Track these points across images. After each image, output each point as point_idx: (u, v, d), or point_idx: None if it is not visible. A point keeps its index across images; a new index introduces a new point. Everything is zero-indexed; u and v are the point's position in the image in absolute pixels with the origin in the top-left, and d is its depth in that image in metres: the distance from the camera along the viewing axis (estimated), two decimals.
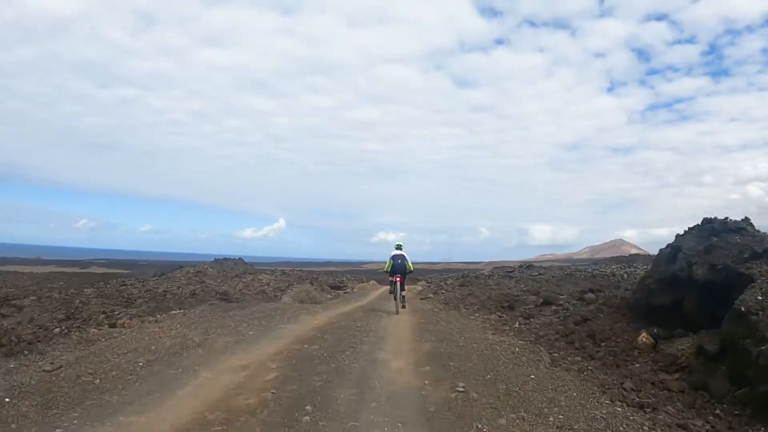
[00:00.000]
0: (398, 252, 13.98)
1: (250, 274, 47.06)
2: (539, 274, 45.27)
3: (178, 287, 31.98)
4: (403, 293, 14.23)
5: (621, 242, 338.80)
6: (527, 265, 54.41)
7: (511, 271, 49.61)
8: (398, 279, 14.03)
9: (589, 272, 44.25)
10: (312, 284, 28.87)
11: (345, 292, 26.20)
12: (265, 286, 35.65)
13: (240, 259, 67.47)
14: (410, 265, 14.28)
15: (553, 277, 41.05)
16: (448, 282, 32.06)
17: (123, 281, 38.05)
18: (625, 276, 40.73)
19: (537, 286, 28.85)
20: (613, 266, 49.44)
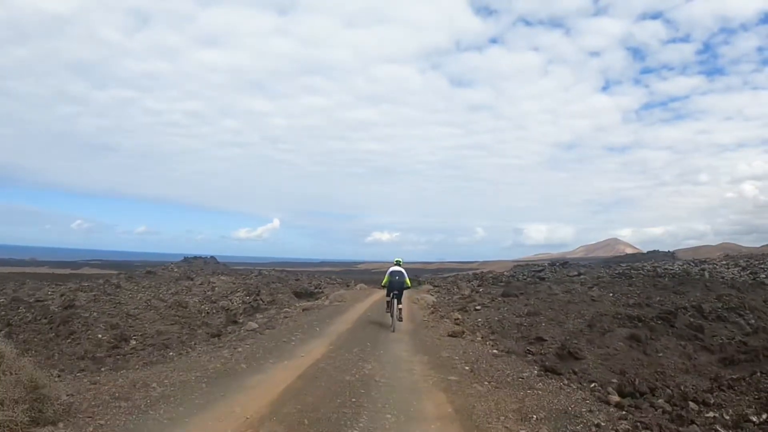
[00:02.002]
0: (397, 268, 11.97)
1: (210, 275, 35.89)
2: (579, 273, 33.40)
3: (63, 294, 20.54)
4: (400, 306, 11.80)
5: (616, 241, 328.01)
6: (560, 263, 42.62)
7: (540, 270, 37.98)
8: (395, 296, 11.47)
9: (650, 270, 32.81)
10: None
11: (305, 309, 14.55)
12: (208, 293, 24.22)
13: (212, 258, 56.74)
14: (408, 281, 12.13)
15: (600, 278, 29.29)
16: (477, 290, 20.39)
17: (21, 287, 26.89)
18: (707, 275, 29.37)
19: (643, 296, 16.34)
20: (679, 263, 38.18)
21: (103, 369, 9.49)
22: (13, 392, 3.57)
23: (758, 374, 6.48)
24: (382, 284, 12.13)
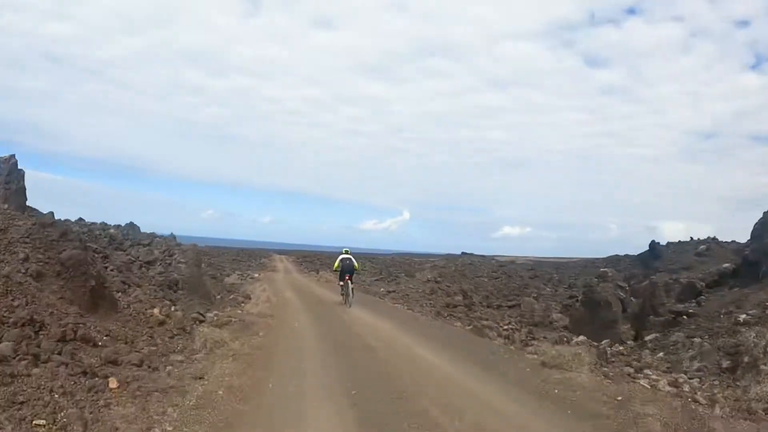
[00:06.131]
0: (346, 255, 15.26)
1: None
2: None
3: None
4: (352, 286, 15.14)
5: None
6: None
7: None
8: (348, 278, 15.00)
9: None
10: None
11: None
12: None
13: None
14: (357, 265, 15.57)
15: None
16: None
17: None
18: None
19: None
20: None
21: None
22: None
23: None
24: (334, 268, 15.73)
